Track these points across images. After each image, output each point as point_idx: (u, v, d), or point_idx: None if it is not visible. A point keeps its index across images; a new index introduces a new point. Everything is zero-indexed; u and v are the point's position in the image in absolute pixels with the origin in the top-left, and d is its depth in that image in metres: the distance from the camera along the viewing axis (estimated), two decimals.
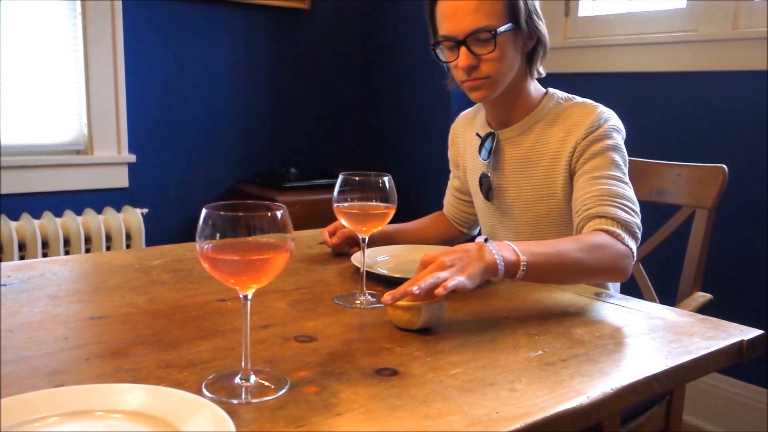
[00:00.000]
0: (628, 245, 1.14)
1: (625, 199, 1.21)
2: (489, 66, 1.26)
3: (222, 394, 0.74)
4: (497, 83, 1.29)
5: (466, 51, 1.25)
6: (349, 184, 1.06)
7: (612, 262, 1.11)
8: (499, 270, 0.98)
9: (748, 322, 1.01)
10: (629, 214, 1.19)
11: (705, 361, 0.89)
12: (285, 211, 0.73)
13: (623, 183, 1.24)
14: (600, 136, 1.28)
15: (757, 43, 2.11)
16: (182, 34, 2.79)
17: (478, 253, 0.97)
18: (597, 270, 1.10)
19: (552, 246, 1.06)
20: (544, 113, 1.36)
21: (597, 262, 1.09)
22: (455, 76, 1.34)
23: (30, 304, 1.03)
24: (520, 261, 1.00)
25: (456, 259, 0.95)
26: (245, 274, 0.73)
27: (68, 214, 2.51)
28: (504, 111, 1.38)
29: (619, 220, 1.17)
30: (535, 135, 1.35)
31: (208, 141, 2.92)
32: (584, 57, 2.60)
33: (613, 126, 1.30)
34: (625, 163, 1.28)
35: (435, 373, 0.80)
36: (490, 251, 0.98)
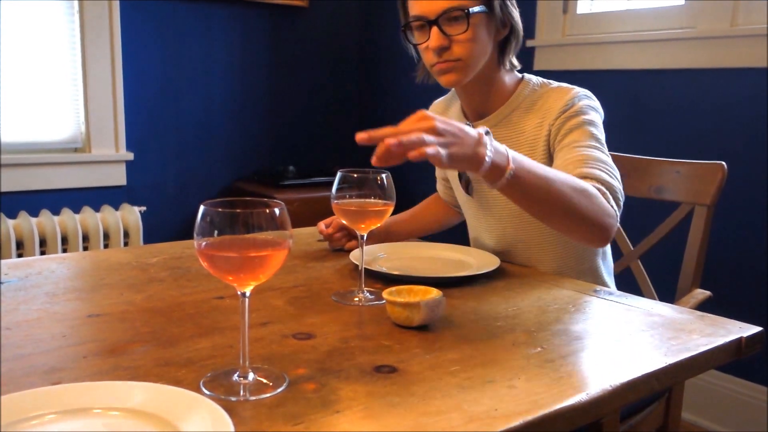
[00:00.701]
0: (614, 207, 1.11)
1: (607, 164, 1.18)
2: (461, 47, 1.23)
3: (220, 391, 0.74)
4: (468, 67, 1.26)
5: (437, 31, 1.22)
6: (347, 181, 1.06)
7: (597, 213, 1.06)
8: (483, 167, 0.93)
9: (747, 319, 1.01)
10: (612, 178, 1.15)
11: (704, 358, 0.89)
12: (283, 208, 0.73)
13: (603, 153, 1.21)
14: (575, 113, 1.25)
15: (756, 40, 2.11)
16: (180, 32, 2.79)
17: (474, 140, 0.92)
18: (581, 215, 1.05)
19: (545, 170, 1.02)
20: (519, 102, 1.33)
21: (583, 207, 1.04)
22: (425, 60, 1.30)
23: (28, 301, 1.02)
24: (508, 168, 0.95)
25: (449, 132, 0.90)
26: (243, 272, 0.73)
27: (66, 212, 2.51)
28: (478, 101, 1.35)
29: (602, 182, 1.13)
30: (511, 125, 1.33)
31: (206, 139, 2.92)
32: (583, 54, 2.60)
33: (588, 105, 1.27)
34: (603, 138, 1.25)
35: (434, 371, 0.80)
36: (485, 145, 0.93)
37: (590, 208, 1.05)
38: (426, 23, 1.23)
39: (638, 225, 1.75)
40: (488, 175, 0.95)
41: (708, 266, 1.56)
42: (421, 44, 1.27)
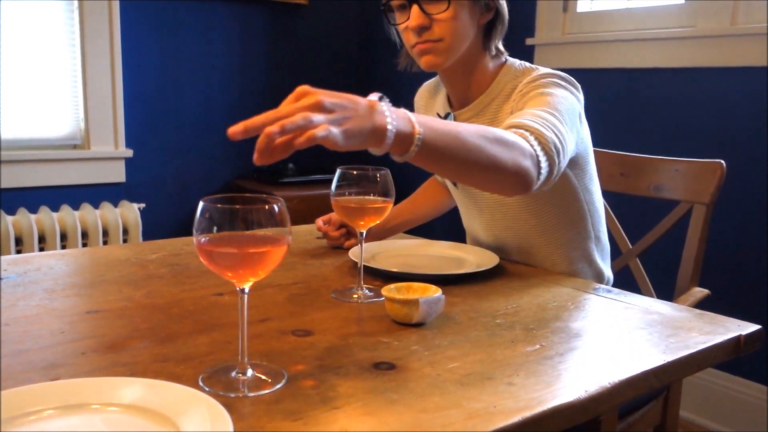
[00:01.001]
0: (535, 150, 1.01)
1: (547, 120, 1.07)
2: (442, 27, 1.20)
3: (219, 387, 0.73)
4: (450, 48, 1.22)
5: (417, 9, 1.19)
6: (346, 178, 1.06)
7: (515, 158, 0.96)
8: (387, 139, 0.81)
9: (746, 317, 1.01)
10: (546, 129, 1.05)
11: (702, 356, 0.89)
12: (282, 205, 0.73)
13: (555, 117, 1.10)
14: (533, 87, 1.19)
15: (756, 39, 2.11)
16: (179, 30, 2.78)
17: (367, 110, 0.80)
18: (496, 164, 0.94)
19: (454, 126, 0.92)
20: (499, 89, 1.29)
21: (501, 156, 0.94)
22: (405, 41, 1.26)
23: (26, 298, 1.02)
24: (414, 134, 0.84)
25: (338, 106, 0.78)
26: (242, 268, 0.73)
27: (65, 208, 2.50)
28: (461, 88, 1.32)
29: (529, 128, 1.03)
30: (490, 113, 1.29)
31: (205, 136, 2.92)
32: (583, 52, 2.59)
33: (552, 81, 1.20)
34: (568, 115, 1.14)
35: (433, 367, 0.80)
36: (383, 114, 0.81)
37: (504, 155, 0.95)
38: (406, 2, 1.20)
39: (637, 223, 1.75)
40: (395, 148, 0.84)
41: (707, 264, 1.56)
42: (401, 24, 1.24)
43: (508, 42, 1.35)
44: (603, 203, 1.40)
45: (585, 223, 1.33)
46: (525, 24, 2.79)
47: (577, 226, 1.32)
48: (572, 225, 1.32)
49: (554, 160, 1.04)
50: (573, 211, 1.31)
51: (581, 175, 1.29)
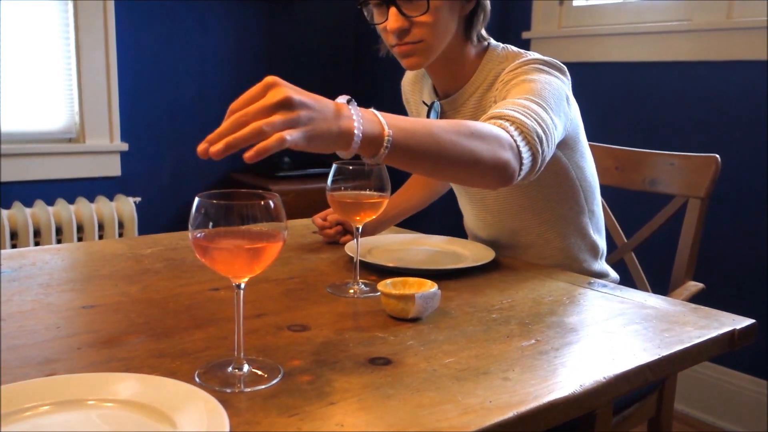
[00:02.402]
0: (516, 141, 0.97)
1: (529, 109, 1.04)
2: (422, 29, 1.15)
3: (215, 383, 0.74)
4: (431, 49, 1.18)
5: (395, 12, 1.14)
6: (342, 173, 1.05)
7: (493, 151, 0.92)
8: (354, 142, 0.78)
9: (740, 311, 1.01)
10: (527, 118, 1.01)
11: (697, 350, 0.90)
12: (278, 200, 0.73)
13: (538, 104, 1.06)
14: (516, 74, 1.16)
15: (752, 33, 2.11)
16: (174, 22, 2.77)
17: (334, 113, 0.77)
18: (477, 160, 0.91)
19: (425, 124, 0.87)
20: (483, 78, 1.26)
21: (478, 150, 0.90)
22: (385, 41, 1.23)
23: (21, 292, 1.02)
24: (384, 135, 0.80)
25: (304, 105, 0.74)
26: (238, 264, 0.73)
27: (60, 202, 2.50)
28: (444, 79, 1.30)
29: (510, 118, 0.99)
30: (474, 102, 1.27)
31: (201, 129, 2.90)
32: (579, 46, 2.59)
33: (536, 66, 1.16)
34: (554, 100, 1.10)
35: (428, 362, 0.80)
36: (350, 117, 0.78)
37: (482, 149, 0.91)
38: (384, 2, 1.16)
39: (632, 217, 1.76)
40: (364, 150, 0.80)
41: (701, 259, 1.57)
42: (379, 24, 1.20)
43: (504, 35, 1.35)
44: (596, 179, 1.39)
45: (578, 199, 1.33)
46: (521, 18, 2.78)
47: (569, 202, 1.32)
48: (564, 202, 1.31)
49: (537, 150, 1.00)
50: (564, 189, 1.30)
51: (571, 154, 1.28)
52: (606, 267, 1.44)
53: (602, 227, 1.43)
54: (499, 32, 2.86)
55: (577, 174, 1.30)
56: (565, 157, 1.26)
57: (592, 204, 1.36)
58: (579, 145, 1.29)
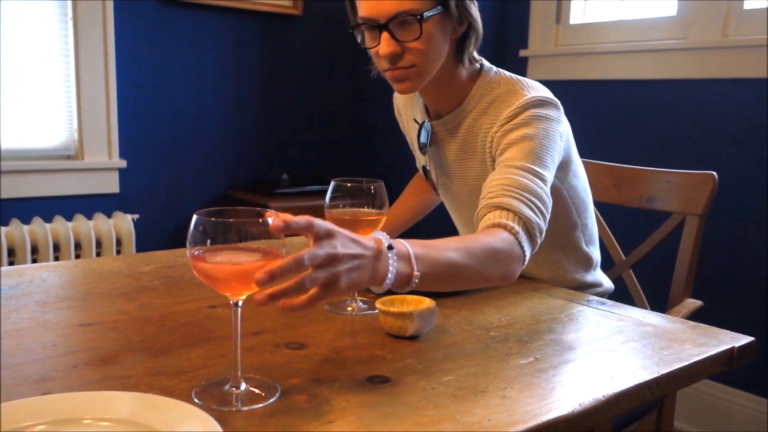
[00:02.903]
0: (524, 249, 1.03)
1: (533, 194, 1.07)
2: (414, 54, 1.15)
3: (212, 401, 0.73)
4: (423, 73, 1.18)
5: (388, 37, 1.13)
6: (340, 190, 1.06)
7: (505, 268, 1.00)
8: (385, 285, 0.84)
9: (739, 329, 1.01)
10: (534, 212, 1.06)
11: (696, 368, 0.89)
12: (275, 217, 0.73)
13: (536, 177, 1.10)
14: (516, 125, 1.16)
15: (747, 51, 2.13)
16: (173, 40, 2.79)
17: (373, 261, 0.81)
18: (488, 278, 1.00)
19: (449, 252, 0.93)
20: (475, 103, 1.25)
21: (491, 271, 0.99)
22: (377, 65, 1.22)
23: (18, 310, 1.02)
24: (413, 276, 0.86)
25: (350, 258, 0.78)
26: (235, 281, 0.73)
27: (58, 219, 2.49)
28: (436, 100, 1.29)
29: (521, 217, 1.04)
30: (466, 126, 1.27)
31: (200, 147, 2.92)
32: (576, 64, 2.61)
33: (536, 114, 1.16)
34: (549, 154, 1.14)
35: (427, 381, 0.80)
36: (386, 263, 0.83)
37: (498, 269, 1.00)
38: (376, 27, 1.14)
39: (630, 234, 1.76)
40: (393, 286, 0.86)
41: (699, 276, 1.57)
42: (371, 48, 1.18)
43: (502, 54, 1.36)
44: (589, 192, 1.39)
45: (570, 216, 1.33)
46: (518, 36, 2.80)
47: (561, 219, 1.32)
48: (556, 219, 1.30)
49: (537, 242, 1.06)
50: (557, 208, 1.28)
51: (564, 176, 1.28)
52: (599, 277, 1.43)
53: (595, 238, 1.43)
54: (496, 50, 2.88)
55: (569, 193, 1.31)
56: (558, 180, 1.27)
57: (585, 218, 1.36)
58: (572, 165, 1.30)
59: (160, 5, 2.73)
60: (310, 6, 3.08)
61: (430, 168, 1.39)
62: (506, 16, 2.85)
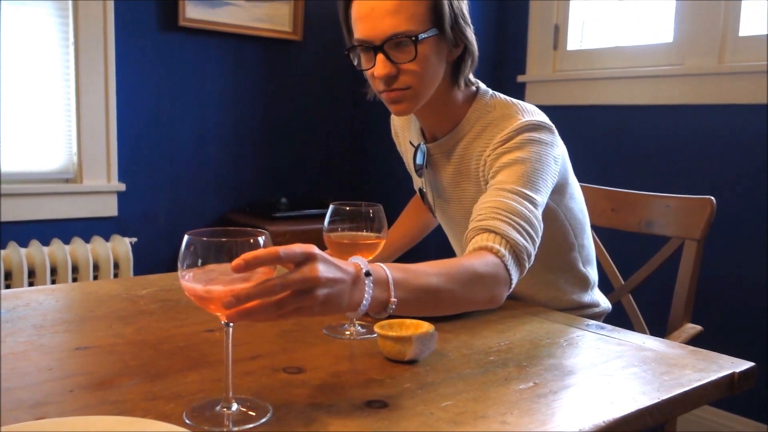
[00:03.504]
0: (510, 273, 1.02)
1: (522, 218, 1.06)
2: (410, 76, 1.15)
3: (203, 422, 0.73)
4: (419, 95, 1.18)
5: (383, 58, 1.13)
6: (339, 214, 1.06)
7: (490, 292, 1.00)
8: (359, 310, 0.83)
9: (738, 354, 1.01)
10: (522, 235, 1.05)
11: (697, 394, 0.89)
12: (268, 238, 0.73)
13: (527, 200, 1.09)
14: (509, 149, 1.16)
15: (743, 77, 2.15)
16: (174, 64, 2.81)
17: (351, 286, 0.80)
18: (472, 303, 1.00)
19: (430, 277, 0.92)
20: (470, 126, 1.26)
21: (474, 295, 0.98)
22: (373, 86, 1.22)
23: (14, 334, 1.01)
24: (390, 302, 0.85)
25: (330, 281, 0.77)
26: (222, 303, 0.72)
27: (56, 242, 2.49)
28: (431, 123, 1.29)
29: (509, 240, 1.03)
30: (461, 149, 1.27)
31: (199, 170, 2.92)
32: (573, 90, 2.63)
33: (530, 138, 1.16)
34: (542, 177, 1.14)
35: (425, 405, 0.79)
36: (362, 290, 0.82)
37: (483, 293, 0.99)
38: (371, 49, 1.15)
39: (629, 259, 1.76)
40: (369, 311, 0.85)
41: (699, 300, 1.56)
42: (367, 70, 1.19)
43: (500, 79, 1.37)
44: (586, 213, 1.39)
45: (567, 237, 1.33)
46: (516, 61, 2.83)
47: (557, 241, 1.32)
48: (553, 241, 1.30)
49: (525, 266, 1.06)
50: (553, 230, 1.29)
51: (560, 199, 1.29)
52: (597, 297, 1.43)
53: (593, 258, 1.42)
54: (494, 76, 2.90)
55: (566, 215, 1.31)
56: (554, 203, 1.27)
57: (582, 239, 1.36)
58: (568, 188, 1.30)
59: (161, 30, 2.76)
60: (309, 32, 3.11)
61: (426, 190, 1.39)
62: (504, 41, 2.88)
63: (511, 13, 2.86)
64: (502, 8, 2.88)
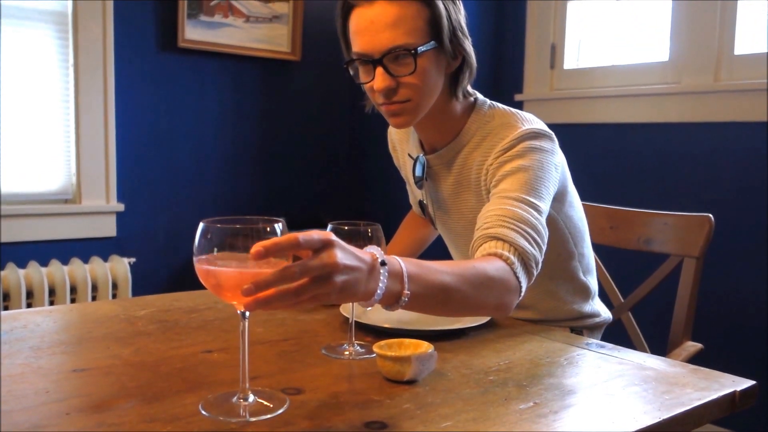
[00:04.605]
0: (520, 281, 1.03)
1: (528, 225, 1.07)
2: (409, 89, 1.16)
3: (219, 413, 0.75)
4: (419, 108, 1.19)
5: (382, 71, 1.14)
6: (338, 233, 1.05)
7: (499, 299, 1.00)
8: (373, 300, 0.83)
9: (739, 372, 1.00)
10: (530, 243, 1.06)
11: (698, 413, 0.88)
12: (284, 225, 0.73)
13: (531, 208, 1.10)
14: (511, 157, 1.16)
15: (739, 95, 2.16)
16: (172, 84, 2.82)
17: (368, 275, 0.81)
18: (482, 306, 1.00)
19: (443, 275, 0.92)
20: (469, 136, 1.26)
21: (485, 299, 0.98)
22: (372, 99, 1.23)
23: (11, 356, 1.00)
24: (403, 294, 0.86)
25: (348, 268, 0.77)
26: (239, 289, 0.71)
27: (54, 263, 2.48)
28: (431, 134, 1.30)
29: (517, 248, 1.04)
30: (461, 159, 1.27)
31: (197, 190, 2.93)
32: (570, 108, 2.64)
33: (531, 146, 1.17)
34: (544, 185, 1.15)
35: (425, 426, 0.79)
36: (377, 280, 0.82)
37: (493, 297, 0.99)
38: (370, 62, 1.15)
39: (628, 276, 1.75)
40: (382, 303, 0.86)
41: (699, 318, 1.56)
42: (366, 83, 1.19)
43: (497, 98, 1.37)
44: (585, 222, 1.39)
45: (567, 245, 1.33)
46: (513, 80, 2.85)
47: (557, 249, 1.32)
48: (552, 250, 1.30)
49: (533, 273, 1.06)
50: (553, 239, 1.29)
51: (560, 207, 1.29)
52: (597, 307, 1.42)
53: (593, 267, 1.42)
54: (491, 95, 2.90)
55: (566, 223, 1.31)
56: (555, 211, 1.27)
57: (581, 247, 1.36)
58: (567, 196, 1.31)
59: (160, 51, 2.77)
60: (308, 52, 3.13)
61: (426, 202, 1.39)
62: (501, 60, 2.90)
63: (508, 32, 2.88)
64: (498, 27, 2.91)
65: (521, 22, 2.83)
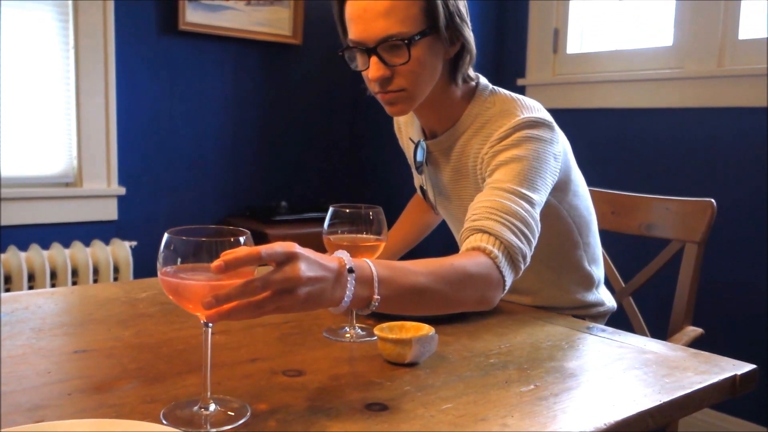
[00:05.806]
0: (504, 275, 1.00)
1: (517, 218, 1.04)
2: (404, 78, 1.14)
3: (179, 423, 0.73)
4: (414, 97, 1.17)
5: (377, 60, 1.12)
6: (339, 216, 1.05)
7: (480, 294, 0.98)
8: (341, 307, 0.82)
9: (740, 356, 1.00)
10: (517, 236, 1.03)
11: (698, 397, 0.88)
12: (248, 238, 0.72)
13: (523, 200, 1.07)
14: (506, 146, 1.14)
15: (742, 80, 2.15)
16: (174, 68, 2.81)
17: (333, 283, 0.80)
18: (462, 303, 0.98)
19: (417, 276, 0.90)
20: (469, 123, 1.24)
21: (463, 296, 0.96)
22: (369, 87, 1.21)
23: (13, 337, 1.01)
24: (372, 299, 0.84)
25: (312, 279, 0.76)
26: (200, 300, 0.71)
27: (56, 246, 2.49)
28: (429, 121, 1.29)
29: (503, 241, 1.02)
30: (460, 146, 1.26)
31: (198, 174, 2.92)
32: (573, 93, 2.63)
33: (528, 135, 1.14)
34: (540, 176, 1.12)
35: (425, 408, 0.79)
36: (344, 287, 0.81)
37: (470, 295, 0.97)
38: (365, 50, 1.14)
39: (629, 262, 1.75)
40: (352, 307, 0.85)
41: (700, 303, 1.56)
42: (362, 71, 1.18)
43: (500, 83, 1.36)
44: (592, 210, 1.37)
45: (571, 235, 1.32)
46: (516, 65, 2.83)
47: (561, 239, 1.31)
48: (556, 240, 1.30)
49: (520, 268, 1.04)
50: (557, 229, 1.29)
51: (563, 196, 1.27)
52: (602, 296, 1.41)
53: (598, 256, 1.41)
54: (494, 80, 2.89)
55: (570, 213, 1.30)
56: (557, 200, 1.26)
57: (587, 237, 1.35)
58: (571, 185, 1.29)
59: (161, 34, 2.76)
60: (309, 36, 3.12)
61: (427, 188, 1.39)
62: (504, 45, 2.88)
63: (510, 17, 2.86)
64: (501, 12, 2.89)
65: (524, 6, 2.81)
